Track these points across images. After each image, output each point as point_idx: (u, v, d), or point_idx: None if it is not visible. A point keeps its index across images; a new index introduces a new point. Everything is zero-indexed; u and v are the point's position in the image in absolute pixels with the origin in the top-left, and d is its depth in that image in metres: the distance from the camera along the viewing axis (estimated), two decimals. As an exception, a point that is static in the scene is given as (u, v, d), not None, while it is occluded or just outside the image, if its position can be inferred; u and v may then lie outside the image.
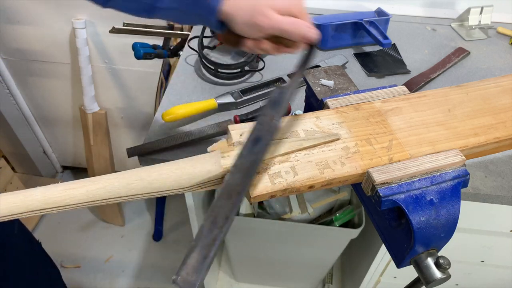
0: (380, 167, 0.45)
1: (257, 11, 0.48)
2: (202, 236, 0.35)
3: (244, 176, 0.39)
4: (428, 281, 0.43)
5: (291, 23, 0.49)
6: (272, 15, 0.48)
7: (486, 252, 0.98)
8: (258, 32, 0.50)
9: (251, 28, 0.50)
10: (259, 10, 0.48)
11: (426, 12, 1.21)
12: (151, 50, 1.16)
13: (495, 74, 0.98)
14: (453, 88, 0.57)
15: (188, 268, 0.33)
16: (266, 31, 0.50)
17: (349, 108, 0.53)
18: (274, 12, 0.49)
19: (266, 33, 0.50)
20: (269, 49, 0.54)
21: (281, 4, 0.49)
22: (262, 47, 0.53)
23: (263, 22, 0.48)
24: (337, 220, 1.15)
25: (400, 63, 1.01)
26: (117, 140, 1.72)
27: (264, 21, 0.48)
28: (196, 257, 0.34)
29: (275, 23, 0.48)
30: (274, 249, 1.27)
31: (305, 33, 0.50)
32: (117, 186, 0.41)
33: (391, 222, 0.48)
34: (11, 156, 1.82)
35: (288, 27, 0.49)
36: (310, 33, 0.50)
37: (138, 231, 1.76)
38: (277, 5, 0.49)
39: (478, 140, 0.50)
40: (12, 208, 0.38)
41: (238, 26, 0.50)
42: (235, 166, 0.40)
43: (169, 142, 0.74)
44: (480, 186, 0.72)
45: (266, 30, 0.49)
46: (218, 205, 0.37)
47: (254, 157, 0.40)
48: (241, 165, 0.40)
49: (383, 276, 1.11)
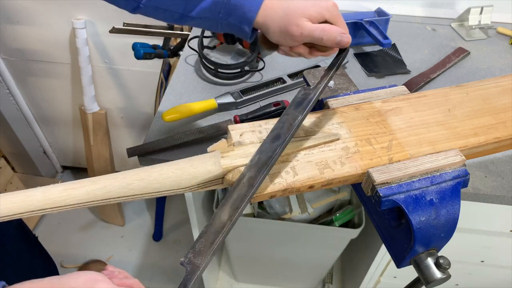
0: (380, 167, 0.45)
1: (290, 22, 0.49)
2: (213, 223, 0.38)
3: (259, 170, 0.41)
4: (428, 281, 0.43)
5: (323, 30, 0.49)
6: (304, 25, 0.49)
7: (486, 252, 0.98)
8: (291, 41, 0.51)
9: (285, 38, 0.51)
10: (292, 20, 0.49)
11: (426, 12, 1.21)
12: (151, 50, 1.16)
13: (495, 74, 0.98)
14: (453, 88, 0.57)
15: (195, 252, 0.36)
16: (299, 40, 0.51)
17: (349, 108, 0.53)
18: (307, 21, 0.49)
19: (299, 42, 0.51)
20: (303, 53, 0.54)
21: (314, 11, 0.50)
22: (297, 52, 0.54)
23: (296, 32, 0.49)
24: (337, 220, 1.15)
25: (400, 63, 1.00)
26: (117, 140, 1.72)
27: (297, 31, 0.49)
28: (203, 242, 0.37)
29: (308, 32, 0.49)
30: (274, 249, 1.27)
31: (337, 40, 0.50)
32: (117, 186, 0.41)
33: (391, 222, 0.48)
34: (11, 156, 1.82)
35: (320, 34, 0.49)
36: (342, 38, 0.50)
37: (138, 231, 1.76)
38: (309, 12, 0.49)
39: (478, 140, 0.50)
40: (12, 208, 0.38)
41: (272, 35, 0.51)
42: (253, 161, 0.42)
43: (169, 142, 0.74)
44: (480, 186, 0.72)
45: (299, 39, 0.50)
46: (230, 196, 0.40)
47: (270, 153, 0.42)
48: (259, 160, 0.42)
49: (383, 276, 1.11)
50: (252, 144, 0.46)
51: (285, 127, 0.45)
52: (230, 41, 0.96)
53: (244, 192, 0.40)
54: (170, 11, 0.53)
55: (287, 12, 0.49)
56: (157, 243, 1.72)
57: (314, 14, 0.50)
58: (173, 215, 1.82)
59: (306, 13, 0.49)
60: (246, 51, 1.02)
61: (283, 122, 0.45)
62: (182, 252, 1.68)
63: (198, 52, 0.92)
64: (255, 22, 0.51)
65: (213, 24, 0.53)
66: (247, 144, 0.46)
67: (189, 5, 0.52)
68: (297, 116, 0.45)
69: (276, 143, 0.43)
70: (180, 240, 1.73)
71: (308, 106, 0.46)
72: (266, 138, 0.44)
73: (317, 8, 0.50)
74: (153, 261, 1.66)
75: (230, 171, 0.43)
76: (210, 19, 0.52)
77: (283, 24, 0.49)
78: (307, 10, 0.49)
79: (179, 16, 0.53)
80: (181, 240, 1.73)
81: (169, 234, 1.76)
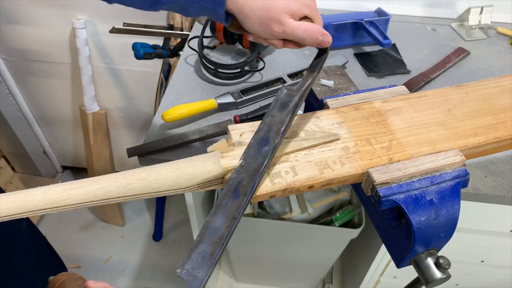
0: (380, 167, 0.45)
1: (272, 16, 0.47)
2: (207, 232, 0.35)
3: (251, 177, 0.39)
4: (428, 281, 0.43)
5: (306, 30, 0.48)
6: (287, 22, 0.48)
7: (486, 252, 0.98)
8: (271, 35, 0.49)
9: (264, 31, 0.49)
10: (273, 15, 0.47)
11: (426, 12, 1.21)
12: (151, 50, 1.16)
13: (495, 74, 0.98)
14: (453, 88, 0.56)
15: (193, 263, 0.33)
16: (279, 36, 0.49)
17: (349, 108, 0.53)
18: (289, 17, 0.48)
19: (279, 38, 0.50)
20: (276, 45, 0.53)
21: (295, 6, 0.48)
22: (270, 43, 0.52)
23: (278, 29, 0.48)
24: (337, 220, 1.15)
25: (400, 63, 1.01)
26: (117, 140, 1.72)
27: (280, 28, 0.48)
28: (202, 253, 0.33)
29: (290, 30, 0.48)
30: (274, 249, 1.27)
31: (319, 40, 0.49)
32: (117, 186, 0.41)
33: (391, 222, 0.48)
34: (11, 156, 1.82)
35: (303, 34, 0.48)
36: (323, 39, 0.50)
37: (138, 231, 1.76)
38: (291, 7, 0.48)
39: (478, 140, 0.50)
40: (12, 208, 0.38)
41: (249, 25, 0.49)
42: (242, 166, 0.41)
43: (169, 142, 0.74)
44: (480, 186, 0.72)
45: (280, 36, 0.49)
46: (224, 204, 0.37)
47: (261, 159, 0.41)
48: (248, 165, 0.40)
49: (383, 276, 1.11)
50: None
51: (273, 130, 0.43)
52: (230, 41, 0.96)
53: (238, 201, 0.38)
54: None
55: (268, 5, 0.47)
56: (157, 243, 1.72)
57: (296, 9, 0.48)
58: (173, 215, 1.82)
59: (288, 8, 0.48)
60: (246, 51, 1.02)
61: (268, 125, 0.44)
62: (182, 252, 1.68)
63: (198, 52, 0.92)
64: (229, 9, 0.48)
65: (186, 7, 0.50)
66: (247, 144, 0.46)
67: None
68: (284, 119, 0.44)
69: (266, 148, 0.42)
70: (180, 240, 1.73)
71: (295, 111, 0.45)
72: (252, 141, 0.43)
73: (298, 4, 0.48)
74: (153, 261, 1.66)
75: (230, 171, 0.43)
76: (183, 3, 0.50)
77: (264, 17, 0.47)
78: (289, 5, 0.48)
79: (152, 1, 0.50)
80: (181, 240, 1.73)
81: (169, 234, 1.76)
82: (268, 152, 0.41)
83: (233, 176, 0.40)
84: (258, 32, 0.49)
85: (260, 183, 0.41)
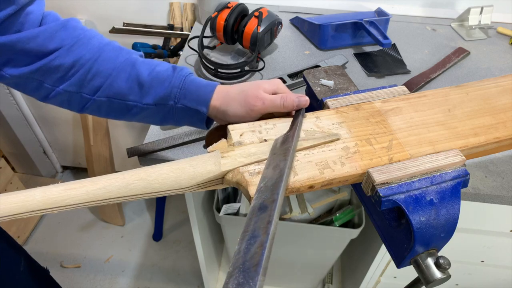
0: (380, 167, 0.45)
1: (249, 95, 0.52)
2: (239, 257, 0.28)
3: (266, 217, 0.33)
4: (428, 281, 0.43)
5: (282, 97, 0.52)
6: (263, 95, 0.52)
7: (486, 252, 0.98)
8: (253, 113, 0.52)
9: (247, 111, 0.52)
10: (250, 94, 0.52)
11: (426, 12, 1.21)
12: (151, 50, 1.16)
13: (495, 74, 0.98)
14: (453, 88, 0.57)
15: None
16: (261, 111, 0.52)
17: (349, 108, 0.53)
18: (264, 93, 0.52)
19: (261, 113, 0.52)
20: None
21: (267, 85, 0.53)
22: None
23: (258, 102, 0.51)
24: (337, 220, 1.15)
25: (400, 63, 1.01)
26: (117, 140, 1.72)
27: (259, 101, 0.51)
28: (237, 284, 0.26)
29: (269, 101, 0.51)
30: (274, 249, 1.27)
31: (296, 103, 0.52)
32: (117, 187, 0.41)
33: (391, 222, 0.48)
34: (11, 156, 1.82)
35: (281, 101, 0.52)
36: (300, 99, 0.52)
37: (138, 231, 1.76)
38: (263, 86, 0.53)
39: (478, 140, 0.50)
40: (12, 208, 0.38)
41: (232, 113, 0.53)
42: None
43: (169, 142, 0.74)
44: (480, 186, 0.72)
45: (261, 109, 0.52)
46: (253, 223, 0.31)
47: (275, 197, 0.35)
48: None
49: (383, 276, 1.11)
50: (252, 144, 0.46)
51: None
52: (230, 41, 0.97)
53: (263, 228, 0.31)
54: (125, 102, 0.54)
55: (243, 89, 0.53)
56: (157, 243, 1.72)
57: (267, 87, 0.53)
58: (173, 215, 1.82)
59: (261, 86, 0.53)
60: (246, 51, 1.02)
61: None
62: (182, 252, 1.68)
63: (198, 52, 0.92)
64: (212, 106, 0.53)
65: (169, 111, 0.55)
66: (247, 144, 0.46)
67: (144, 93, 0.54)
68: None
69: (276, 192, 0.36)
70: (180, 240, 1.73)
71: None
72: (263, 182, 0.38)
73: (267, 83, 0.54)
74: (153, 261, 1.66)
75: (230, 171, 0.43)
76: (164, 106, 0.54)
77: (242, 99, 0.52)
78: (261, 84, 0.53)
79: (133, 105, 0.55)
80: (181, 240, 1.73)
81: (169, 234, 1.76)
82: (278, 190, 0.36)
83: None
84: (240, 113, 0.52)
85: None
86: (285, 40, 1.08)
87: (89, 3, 1.27)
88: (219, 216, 1.10)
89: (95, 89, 0.54)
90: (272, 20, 0.93)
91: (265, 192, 0.36)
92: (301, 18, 1.09)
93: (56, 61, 0.51)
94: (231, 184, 0.44)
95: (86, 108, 0.56)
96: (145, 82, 0.53)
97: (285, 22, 1.14)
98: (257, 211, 0.33)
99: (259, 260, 0.27)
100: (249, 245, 0.29)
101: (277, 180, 0.37)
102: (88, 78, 0.53)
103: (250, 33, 0.91)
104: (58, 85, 0.53)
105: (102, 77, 0.53)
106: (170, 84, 0.53)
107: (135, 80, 0.54)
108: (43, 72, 0.52)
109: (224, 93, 0.54)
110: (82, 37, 0.53)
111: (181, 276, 1.61)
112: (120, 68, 0.54)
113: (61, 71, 0.52)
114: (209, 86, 0.54)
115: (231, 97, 0.53)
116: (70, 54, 0.52)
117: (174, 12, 1.22)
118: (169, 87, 0.53)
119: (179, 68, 0.56)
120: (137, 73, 0.54)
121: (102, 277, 1.60)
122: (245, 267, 0.27)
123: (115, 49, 0.55)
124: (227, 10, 0.94)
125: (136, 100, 0.54)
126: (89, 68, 0.53)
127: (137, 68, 0.54)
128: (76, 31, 0.53)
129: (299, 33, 1.12)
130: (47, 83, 0.53)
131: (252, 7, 0.97)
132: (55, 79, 0.53)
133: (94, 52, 0.53)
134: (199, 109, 0.53)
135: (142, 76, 0.53)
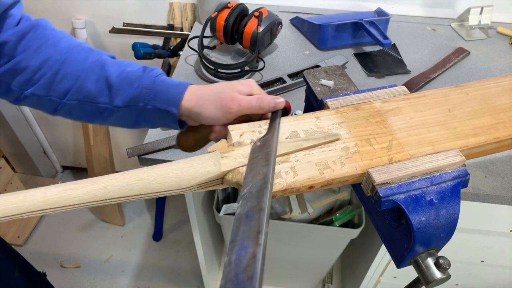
0: (380, 167, 0.45)
1: (224, 97, 0.50)
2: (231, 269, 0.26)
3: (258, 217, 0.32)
4: (428, 281, 0.43)
5: (258, 98, 0.50)
6: (239, 97, 0.50)
7: (486, 252, 0.98)
8: (229, 114, 0.50)
9: (222, 113, 0.50)
10: (225, 96, 0.50)
11: (426, 12, 1.21)
12: (151, 50, 1.16)
13: (495, 74, 0.98)
14: (453, 88, 0.57)
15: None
16: (237, 113, 0.50)
17: (349, 108, 0.53)
18: (239, 94, 0.51)
19: (237, 115, 0.51)
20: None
21: (241, 86, 0.52)
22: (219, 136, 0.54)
23: (234, 105, 0.50)
24: (337, 220, 1.15)
25: (400, 63, 1.01)
26: (117, 140, 1.72)
27: (235, 103, 0.50)
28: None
29: (246, 103, 0.50)
30: (274, 249, 1.27)
31: (272, 104, 0.51)
32: (117, 187, 0.41)
33: (391, 222, 0.48)
34: (11, 156, 1.82)
35: (257, 102, 0.50)
36: (276, 101, 0.51)
37: (138, 231, 1.76)
38: (238, 87, 0.51)
39: (478, 140, 0.50)
40: (12, 208, 0.38)
41: (207, 115, 0.51)
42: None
43: (169, 142, 0.74)
44: (480, 186, 0.72)
45: (237, 111, 0.50)
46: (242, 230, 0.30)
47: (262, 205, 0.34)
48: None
49: (383, 276, 1.11)
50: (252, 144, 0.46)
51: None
52: (230, 41, 0.97)
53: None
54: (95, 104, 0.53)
55: (217, 91, 0.51)
56: (157, 243, 1.72)
57: (242, 88, 0.51)
58: (173, 215, 1.82)
59: (236, 88, 0.51)
60: (246, 51, 1.02)
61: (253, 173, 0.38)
62: (182, 252, 1.68)
63: (198, 52, 0.92)
64: (184, 107, 0.51)
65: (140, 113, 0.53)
66: (247, 144, 0.46)
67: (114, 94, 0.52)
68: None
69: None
70: (180, 240, 1.73)
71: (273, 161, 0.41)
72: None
73: (241, 84, 0.52)
74: (153, 261, 1.66)
75: (230, 171, 0.43)
76: (135, 107, 0.52)
77: (217, 101, 0.50)
78: (236, 86, 0.51)
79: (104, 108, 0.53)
80: (181, 240, 1.73)
81: (169, 234, 1.76)
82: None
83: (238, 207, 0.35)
84: (215, 115, 0.51)
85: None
86: (285, 40, 1.08)
87: (89, 3, 1.27)
88: (219, 216, 1.10)
89: (64, 92, 0.52)
90: (272, 20, 0.93)
91: (249, 199, 0.35)
92: (301, 18, 1.09)
93: (23, 63, 0.50)
94: (231, 184, 0.44)
95: (58, 111, 0.54)
96: (114, 83, 0.52)
97: (285, 22, 1.14)
98: (245, 219, 0.32)
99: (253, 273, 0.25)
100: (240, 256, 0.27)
101: (261, 187, 0.36)
102: (56, 80, 0.51)
103: (250, 33, 0.91)
104: (26, 88, 0.52)
105: (70, 80, 0.52)
106: (139, 85, 0.52)
107: (104, 81, 0.52)
108: (11, 74, 0.51)
109: (197, 94, 0.52)
110: (51, 38, 0.52)
111: (181, 276, 1.61)
112: (89, 69, 0.52)
113: (28, 73, 0.51)
114: (180, 86, 0.52)
115: (205, 99, 0.51)
116: (37, 55, 0.51)
117: (174, 12, 1.22)
118: (138, 88, 0.52)
119: (149, 68, 0.54)
120: (106, 74, 0.52)
121: (102, 277, 1.60)
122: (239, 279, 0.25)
123: (85, 50, 0.53)
124: (227, 10, 0.94)
125: (106, 102, 0.52)
126: (57, 70, 0.51)
127: (106, 69, 0.52)
128: (45, 31, 0.52)
129: (299, 33, 1.12)
130: (14, 86, 0.52)
131: (252, 7, 0.97)
132: (22, 82, 0.51)
133: (62, 53, 0.52)
134: (170, 110, 0.52)
135: (112, 78, 0.52)
